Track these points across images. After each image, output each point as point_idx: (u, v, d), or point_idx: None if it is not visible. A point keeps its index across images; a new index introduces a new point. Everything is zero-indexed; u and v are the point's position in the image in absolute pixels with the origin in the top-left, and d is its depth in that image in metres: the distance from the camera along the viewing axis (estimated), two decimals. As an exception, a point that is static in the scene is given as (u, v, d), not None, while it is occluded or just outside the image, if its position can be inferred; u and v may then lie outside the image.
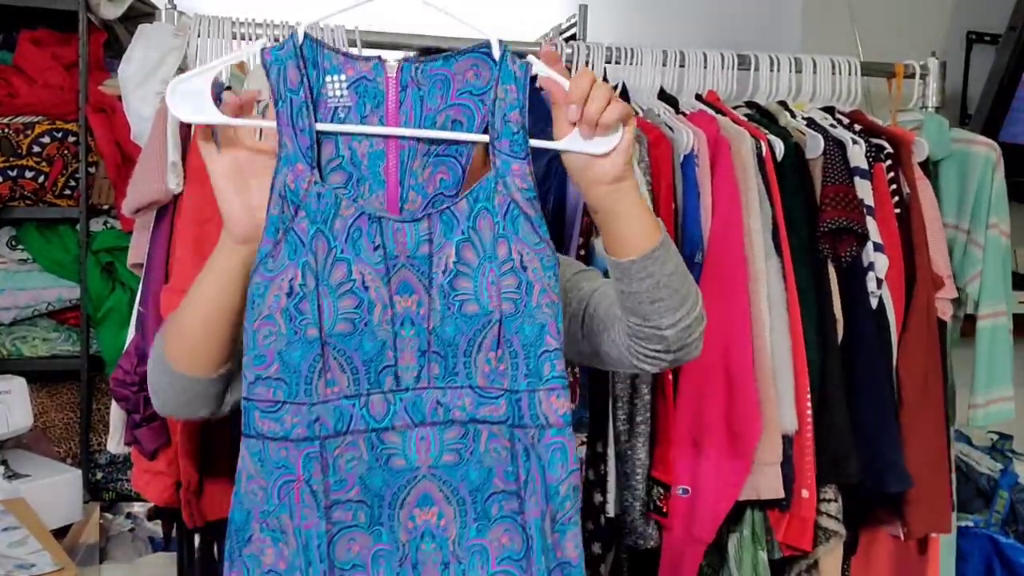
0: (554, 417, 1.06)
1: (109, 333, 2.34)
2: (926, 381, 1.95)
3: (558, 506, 1.07)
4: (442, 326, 1.06)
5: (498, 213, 1.05)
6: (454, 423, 1.08)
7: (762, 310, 1.81)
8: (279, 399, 1.05)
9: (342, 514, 1.06)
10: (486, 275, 1.06)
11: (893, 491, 1.90)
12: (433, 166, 1.09)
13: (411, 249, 1.06)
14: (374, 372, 1.06)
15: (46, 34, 2.46)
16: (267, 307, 1.04)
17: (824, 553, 1.91)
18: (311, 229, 1.04)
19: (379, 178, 1.07)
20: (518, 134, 1.05)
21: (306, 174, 1.04)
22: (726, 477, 1.76)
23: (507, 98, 1.05)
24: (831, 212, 1.87)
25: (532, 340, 1.06)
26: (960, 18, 2.97)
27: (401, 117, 1.07)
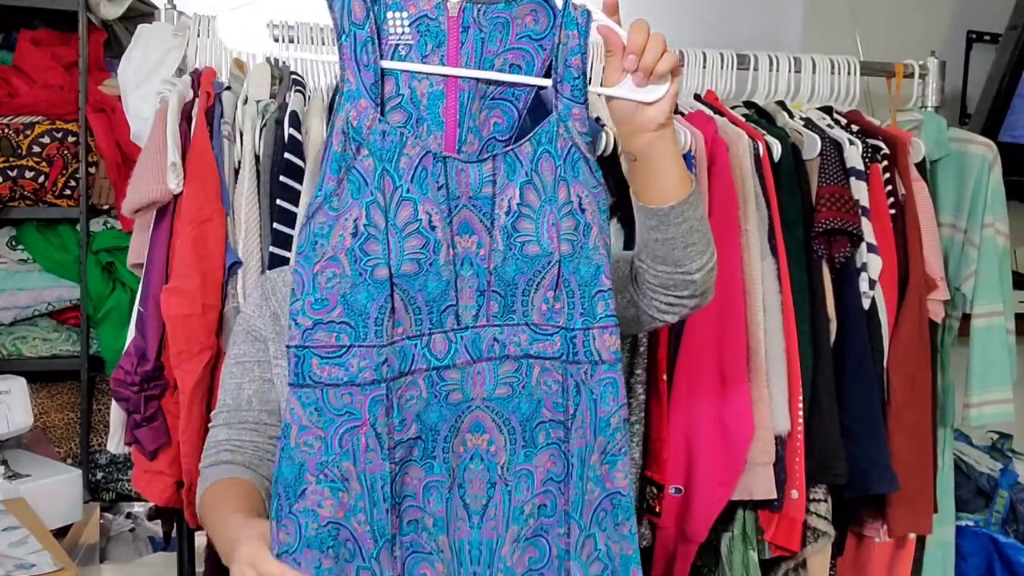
0: (607, 353, 1.08)
1: (109, 333, 2.35)
2: (914, 381, 1.96)
3: (609, 437, 1.09)
4: (503, 266, 1.08)
5: (559, 156, 1.07)
6: (509, 358, 1.10)
7: (757, 311, 1.81)
8: (344, 343, 1.02)
9: (402, 452, 1.06)
10: (547, 217, 1.07)
11: (878, 492, 1.90)
12: (488, 109, 1.09)
13: (474, 190, 1.06)
14: (437, 312, 1.06)
15: (46, 34, 2.47)
16: (331, 248, 1.02)
17: (812, 553, 1.91)
18: (376, 167, 1.02)
19: (438, 119, 1.07)
20: (579, 79, 1.07)
21: (369, 111, 1.02)
22: (719, 477, 1.76)
23: (569, 43, 1.06)
24: (826, 213, 1.88)
25: (588, 280, 1.08)
26: (960, 17, 2.97)
27: (462, 58, 1.06)
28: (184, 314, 1.65)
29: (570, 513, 1.11)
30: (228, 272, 1.71)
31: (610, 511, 1.11)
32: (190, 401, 1.66)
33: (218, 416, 1.30)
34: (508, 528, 1.11)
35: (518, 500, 1.11)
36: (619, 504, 1.11)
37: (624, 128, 1.12)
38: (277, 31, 1.88)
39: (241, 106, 1.77)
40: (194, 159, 1.70)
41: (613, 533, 1.11)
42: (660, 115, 1.08)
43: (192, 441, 1.67)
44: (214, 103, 1.75)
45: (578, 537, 1.11)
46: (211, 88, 1.77)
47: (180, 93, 1.74)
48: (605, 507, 1.11)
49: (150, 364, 1.69)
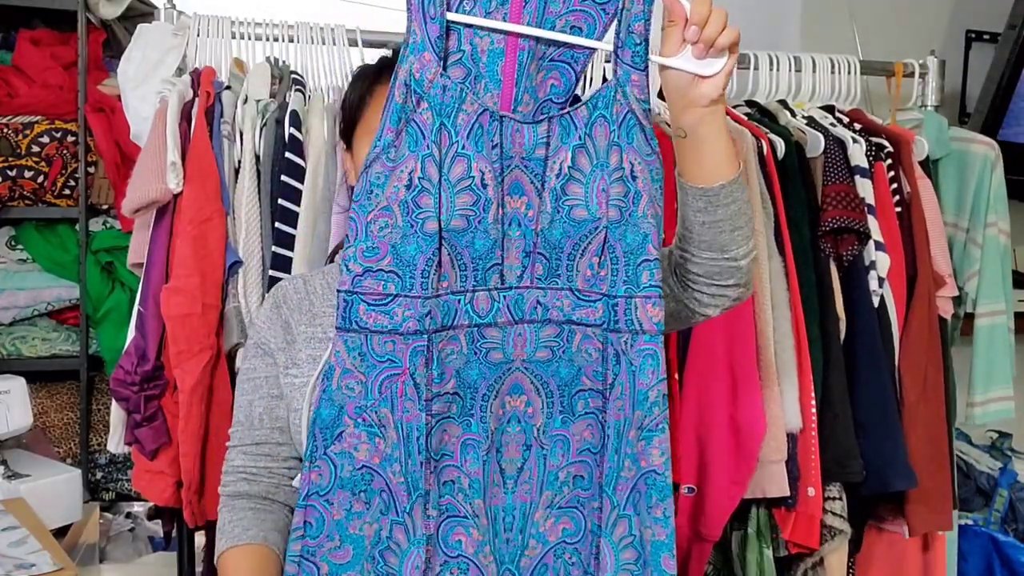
0: (648, 324, 1.07)
1: (109, 333, 2.34)
2: (926, 379, 1.96)
3: (646, 411, 1.08)
4: (550, 229, 1.07)
5: (614, 122, 1.06)
6: (551, 322, 1.09)
7: (765, 309, 1.81)
8: (390, 292, 1.03)
9: (440, 406, 1.06)
10: (597, 182, 1.07)
11: (897, 489, 1.90)
12: (546, 71, 1.08)
13: (527, 151, 1.06)
14: (482, 270, 1.06)
15: (45, 34, 2.46)
16: (386, 198, 1.03)
17: (829, 551, 1.91)
18: (435, 121, 1.02)
19: (496, 77, 1.06)
20: (640, 45, 1.06)
21: (432, 65, 1.02)
22: (731, 476, 1.76)
23: (633, 8, 1.05)
24: (832, 211, 1.87)
25: (634, 248, 1.07)
26: (959, 17, 2.97)
27: (524, 17, 1.05)
28: (184, 314, 1.65)
29: (604, 486, 1.10)
30: (228, 272, 1.71)
31: (644, 492, 1.08)
32: (190, 401, 1.65)
33: (234, 435, 1.32)
34: (542, 493, 1.10)
35: (552, 465, 1.10)
36: (653, 484, 1.08)
37: (676, 102, 1.10)
38: (277, 31, 1.88)
39: (241, 105, 1.77)
40: (194, 159, 1.70)
41: (646, 516, 1.09)
42: (714, 90, 1.07)
43: (192, 441, 1.67)
44: (214, 103, 1.75)
45: (610, 513, 1.09)
46: (211, 88, 1.76)
47: (180, 93, 1.73)
48: (640, 488, 1.08)
49: (150, 364, 1.69)
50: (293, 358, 1.26)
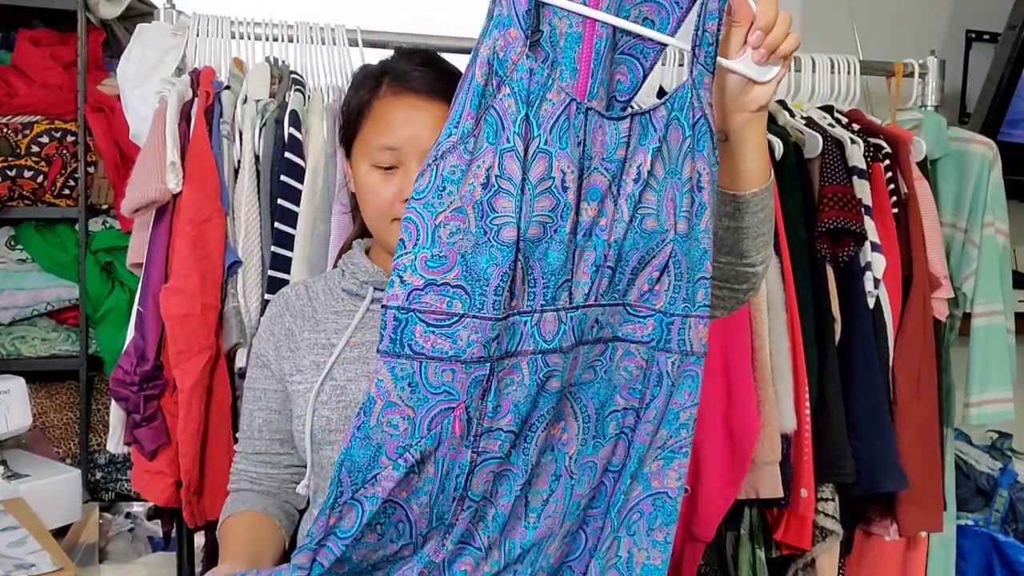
0: (698, 345, 1.00)
1: (108, 333, 2.34)
2: (920, 380, 1.96)
3: (673, 432, 1.00)
4: (624, 239, 0.96)
5: (688, 126, 0.97)
6: (601, 341, 0.99)
7: (761, 310, 1.81)
8: (456, 311, 0.87)
9: (488, 443, 0.92)
10: (668, 190, 0.97)
11: (888, 490, 1.90)
12: (616, 63, 0.98)
13: (608, 151, 0.94)
14: (553, 287, 0.93)
15: (45, 34, 2.46)
16: (460, 198, 0.87)
17: (821, 552, 1.91)
18: (519, 111, 0.88)
19: (572, 64, 0.93)
20: (712, 46, 0.98)
21: (519, 43, 0.87)
22: (725, 476, 1.76)
23: (708, 6, 0.97)
24: (830, 212, 1.88)
25: (695, 264, 0.98)
26: (959, 17, 2.97)
27: (603, 1, 0.93)
28: (183, 314, 1.65)
29: (609, 508, 1.02)
30: (228, 272, 1.71)
31: (647, 513, 1.00)
32: (189, 401, 1.65)
33: (239, 439, 1.35)
34: (562, 525, 1.01)
35: (578, 494, 1.01)
36: (662, 507, 1.00)
37: (724, 105, 1.05)
38: (277, 31, 1.88)
39: (240, 105, 1.77)
40: (193, 159, 1.70)
41: (643, 539, 1.00)
42: (765, 96, 1.03)
43: (191, 441, 1.67)
44: (213, 102, 1.75)
45: (607, 535, 1.02)
46: (210, 87, 1.76)
47: (179, 92, 1.74)
48: (643, 507, 1.00)
49: (149, 364, 1.69)
50: (297, 364, 1.26)
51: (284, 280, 1.70)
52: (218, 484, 1.71)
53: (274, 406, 1.30)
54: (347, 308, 1.28)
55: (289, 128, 1.73)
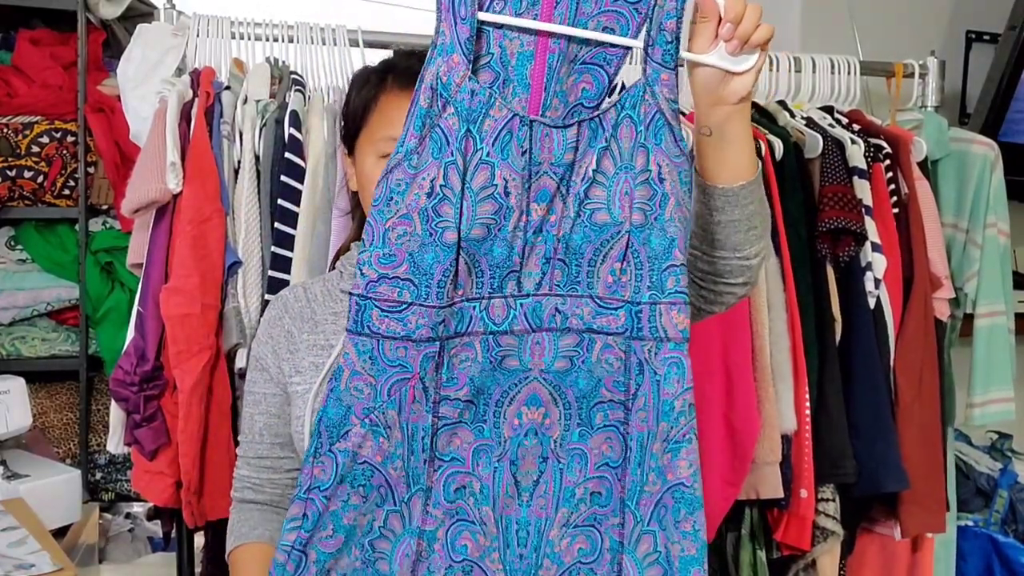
0: (673, 331, 1.03)
1: (108, 333, 2.34)
2: (922, 380, 1.96)
3: (672, 422, 1.05)
4: (571, 234, 1.04)
5: (642, 122, 1.02)
6: (570, 331, 1.06)
7: (761, 310, 1.81)
8: (405, 300, 1.01)
9: (448, 410, 1.04)
10: (620, 184, 1.03)
11: (889, 491, 1.90)
12: (578, 74, 1.05)
13: (556, 156, 1.02)
14: (499, 277, 1.04)
15: (45, 34, 2.46)
16: (406, 206, 1.00)
17: (822, 552, 1.91)
18: (460, 128, 0.99)
19: (524, 81, 1.02)
20: (671, 43, 1.02)
21: (461, 67, 0.99)
22: (726, 477, 1.76)
23: (665, 6, 1.02)
24: (830, 212, 1.88)
25: (659, 253, 1.03)
26: (959, 17, 2.97)
27: (555, 18, 1.02)
28: (183, 314, 1.65)
29: (626, 501, 1.06)
30: (228, 272, 1.71)
31: (670, 507, 1.05)
32: (189, 401, 1.65)
33: (241, 444, 1.35)
34: (558, 510, 1.07)
35: (569, 480, 1.07)
36: (681, 497, 1.05)
37: (704, 99, 1.08)
38: (277, 31, 1.88)
39: (241, 106, 1.77)
40: (193, 159, 1.70)
41: (673, 531, 1.06)
42: (744, 88, 1.05)
43: (191, 441, 1.67)
44: (213, 103, 1.75)
45: (633, 529, 1.06)
46: (210, 88, 1.77)
47: (179, 93, 1.74)
48: (666, 502, 1.05)
49: (149, 364, 1.69)
50: (296, 366, 1.27)
51: (284, 280, 1.70)
52: (218, 484, 1.71)
53: (273, 410, 1.30)
54: (346, 309, 1.28)
55: (289, 128, 1.73)
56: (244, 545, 1.28)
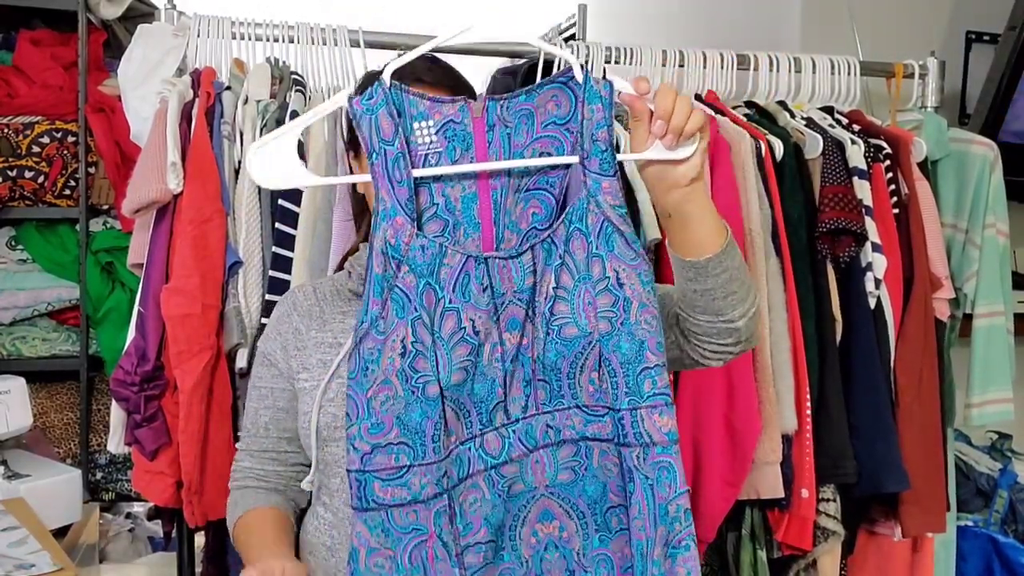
0: (658, 435, 1.04)
1: (109, 333, 2.34)
2: (921, 381, 1.96)
3: (669, 527, 1.05)
4: (544, 353, 1.06)
5: (591, 233, 1.05)
6: (565, 442, 1.08)
7: (762, 311, 1.81)
8: (404, 464, 1.03)
9: (473, 558, 1.05)
10: (582, 296, 1.06)
11: (890, 491, 1.90)
12: (525, 202, 1.09)
13: (518, 283, 1.06)
14: (486, 412, 1.07)
15: (45, 34, 2.46)
16: (382, 371, 1.02)
17: (822, 552, 1.91)
18: (419, 283, 1.03)
19: (474, 221, 1.07)
20: (606, 152, 1.05)
21: (406, 227, 1.02)
22: (726, 477, 1.76)
23: (593, 117, 1.05)
24: (830, 212, 1.88)
25: (631, 357, 1.05)
26: (959, 18, 2.97)
27: (490, 156, 1.07)
28: (184, 314, 1.65)
29: None
30: (228, 272, 1.71)
31: None
32: (190, 401, 1.66)
33: (242, 438, 1.34)
34: None
35: None
36: None
37: (657, 186, 1.10)
38: (277, 31, 1.88)
39: (241, 106, 1.77)
40: (194, 159, 1.70)
41: None
42: (692, 171, 1.08)
43: (192, 441, 1.67)
44: (214, 103, 1.76)
45: None
46: (211, 88, 1.77)
47: (180, 93, 1.74)
48: None
49: (150, 364, 1.69)
50: (304, 363, 1.27)
51: (285, 280, 1.70)
52: (219, 484, 1.71)
53: (281, 404, 1.30)
54: (354, 309, 1.29)
55: (290, 128, 1.72)
56: (250, 511, 1.27)
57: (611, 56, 2.01)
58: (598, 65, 2.00)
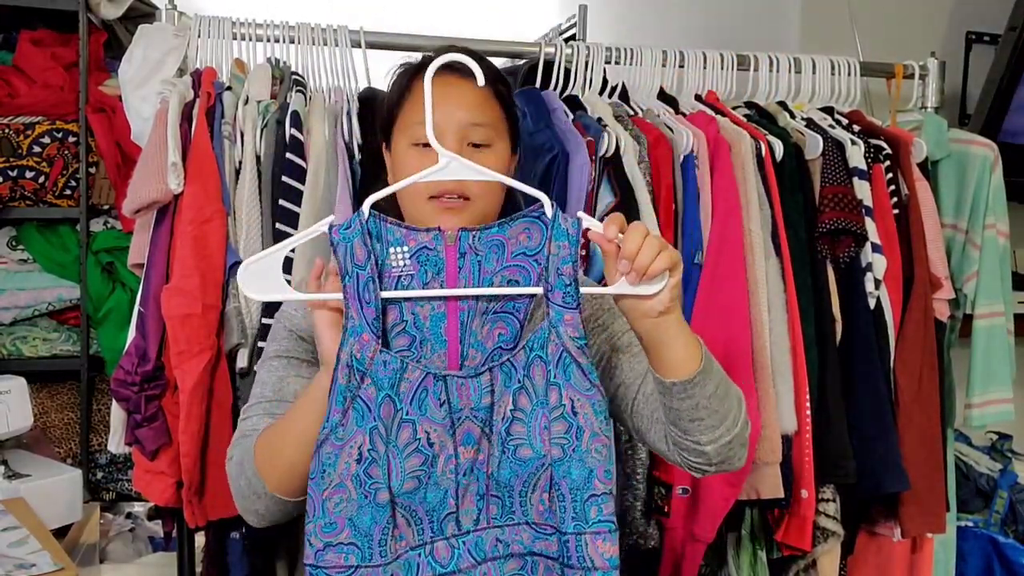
0: (600, 561, 1.09)
1: (109, 333, 2.35)
2: (921, 381, 1.96)
3: None
4: (499, 470, 1.12)
5: (551, 361, 1.10)
6: (513, 556, 1.13)
7: (762, 310, 1.81)
8: (352, 564, 1.09)
9: None
10: (538, 420, 1.11)
11: (889, 491, 1.90)
12: (491, 323, 1.15)
13: (475, 402, 1.12)
14: (437, 521, 1.12)
15: (46, 34, 2.46)
16: (338, 475, 1.09)
17: (822, 553, 1.91)
18: (378, 395, 1.09)
19: (441, 338, 1.14)
20: (570, 286, 1.10)
21: (371, 344, 1.09)
22: (726, 477, 1.76)
23: (559, 253, 1.10)
24: (830, 213, 1.88)
25: (580, 484, 1.10)
26: (959, 18, 2.98)
27: (461, 281, 1.15)
28: (184, 314, 1.65)
29: None
30: (229, 272, 1.71)
31: None
32: (190, 401, 1.66)
33: (255, 406, 1.27)
34: None
35: None
36: None
37: (630, 314, 1.14)
38: (278, 32, 1.88)
39: (242, 106, 1.77)
40: (195, 159, 1.70)
41: None
42: (660, 305, 1.11)
43: (192, 441, 1.67)
44: (215, 103, 1.76)
45: None
46: (212, 88, 1.77)
47: (181, 93, 1.74)
48: None
49: (150, 364, 1.69)
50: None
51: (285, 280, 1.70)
52: (219, 484, 1.71)
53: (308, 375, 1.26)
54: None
55: (290, 129, 1.73)
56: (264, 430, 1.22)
57: (611, 56, 2.02)
58: (598, 65, 2.00)
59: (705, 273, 1.80)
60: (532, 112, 1.83)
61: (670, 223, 1.82)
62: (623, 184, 1.77)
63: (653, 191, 1.81)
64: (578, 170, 1.76)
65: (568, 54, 2.00)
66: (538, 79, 1.99)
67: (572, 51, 2.00)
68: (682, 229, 1.83)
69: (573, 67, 2.00)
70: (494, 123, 1.28)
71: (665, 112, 1.97)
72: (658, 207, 1.81)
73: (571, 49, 2.01)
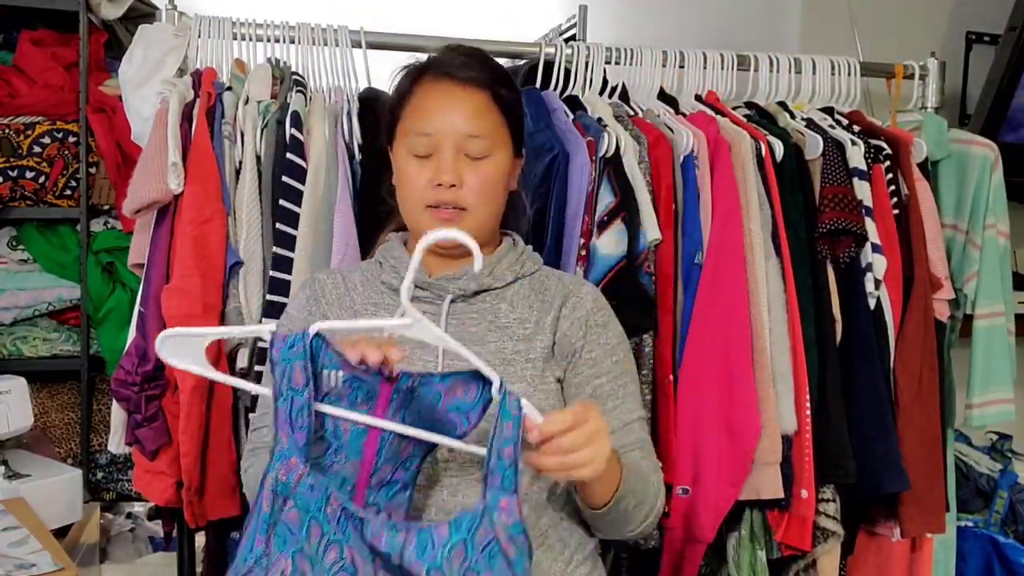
0: None
1: (109, 333, 2.35)
2: (921, 381, 1.96)
3: None
4: None
5: (476, 547, 1.06)
6: None
7: (761, 311, 1.81)
8: None
9: None
10: None
11: (889, 491, 1.90)
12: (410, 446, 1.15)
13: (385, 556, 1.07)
14: None
15: (46, 34, 2.47)
16: None
17: (822, 553, 1.91)
18: (304, 518, 1.07)
19: (358, 449, 1.12)
20: (510, 469, 1.07)
21: (298, 467, 1.08)
22: (726, 477, 1.76)
23: (503, 434, 1.08)
24: (830, 213, 1.88)
25: None
26: (959, 18, 2.97)
27: (389, 410, 1.12)
28: (185, 314, 1.65)
29: None
30: (229, 272, 1.71)
31: None
32: (190, 401, 1.66)
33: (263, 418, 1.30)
34: None
35: None
36: None
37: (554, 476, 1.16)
38: (278, 32, 1.88)
39: (242, 106, 1.78)
40: (195, 159, 1.70)
41: None
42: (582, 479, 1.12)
43: (192, 441, 1.67)
44: (215, 103, 1.76)
45: None
46: (212, 88, 1.77)
47: (181, 93, 1.74)
48: None
49: (151, 364, 1.69)
50: None
51: (285, 280, 1.70)
52: (219, 484, 1.71)
53: None
54: (386, 302, 1.30)
55: (291, 129, 1.73)
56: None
57: (611, 56, 2.02)
58: (598, 65, 2.00)
59: (705, 273, 1.80)
60: (532, 112, 1.83)
61: (670, 223, 1.82)
62: (623, 184, 1.77)
63: (653, 191, 1.81)
64: (578, 170, 1.76)
65: (568, 54, 2.00)
66: (538, 79, 1.99)
67: (572, 51, 2.00)
68: (682, 229, 1.83)
69: (573, 67, 2.00)
70: (493, 131, 1.27)
71: (665, 112, 1.97)
72: (658, 207, 1.81)
73: (571, 49, 2.01)
